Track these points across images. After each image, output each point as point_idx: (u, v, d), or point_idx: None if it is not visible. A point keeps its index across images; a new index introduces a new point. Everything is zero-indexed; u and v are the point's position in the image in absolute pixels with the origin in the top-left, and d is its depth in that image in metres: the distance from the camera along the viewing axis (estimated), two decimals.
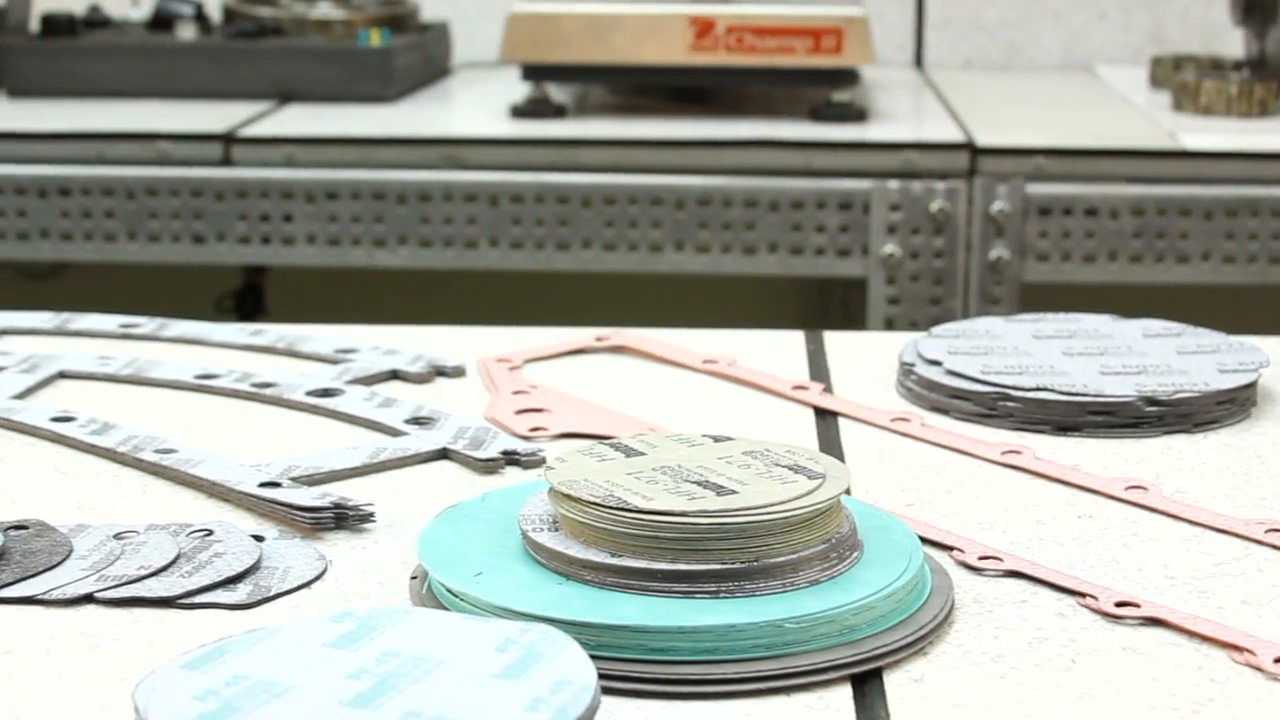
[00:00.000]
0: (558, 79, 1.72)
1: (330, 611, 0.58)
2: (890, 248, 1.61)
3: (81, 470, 0.80)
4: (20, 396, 0.89)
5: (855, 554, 0.65)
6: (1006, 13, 2.16)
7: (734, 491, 0.64)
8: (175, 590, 0.66)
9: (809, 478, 0.66)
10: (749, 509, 0.63)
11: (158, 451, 0.80)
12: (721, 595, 0.62)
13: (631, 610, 0.61)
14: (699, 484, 0.65)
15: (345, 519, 0.72)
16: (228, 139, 1.64)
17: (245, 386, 0.91)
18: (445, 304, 2.05)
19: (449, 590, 0.63)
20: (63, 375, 0.94)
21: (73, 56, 1.83)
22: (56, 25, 1.86)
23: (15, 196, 1.64)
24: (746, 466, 0.67)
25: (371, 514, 0.73)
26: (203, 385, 0.92)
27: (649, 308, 2.12)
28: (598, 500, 0.63)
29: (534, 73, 1.70)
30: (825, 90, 1.71)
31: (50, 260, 1.67)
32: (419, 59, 1.90)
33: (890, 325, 1.63)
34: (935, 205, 1.61)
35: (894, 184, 1.61)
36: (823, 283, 2.18)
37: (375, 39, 1.79)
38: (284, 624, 0.58)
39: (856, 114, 1.70)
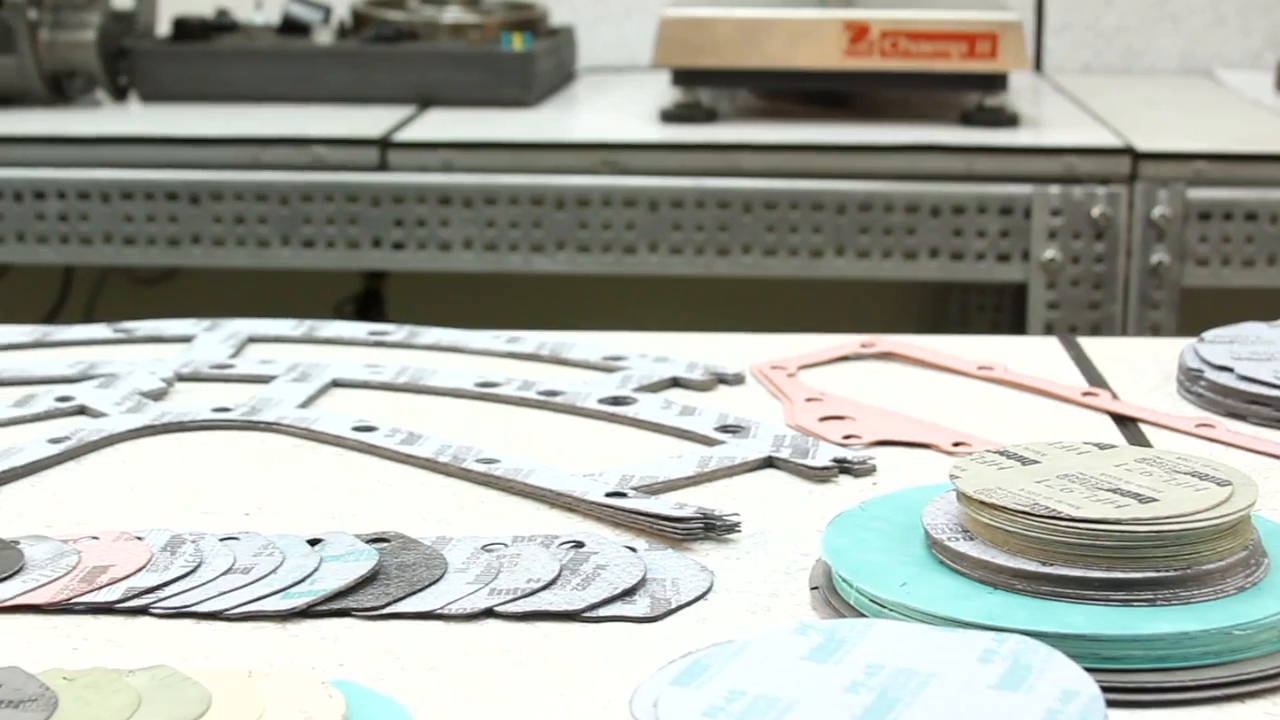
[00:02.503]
0: (710, 84, 1.70)
1: (790, 624, 0.57)
2: (1051, 253, 1.60)
3: (404, 481, 0.78)
4: (304, 405, 0.88)
5: (1266, 559, 0.64)
6: (1126, 17, 2.15)
7: (1154, 499, 0.63)
8: (576, 604, 0.64)
9: (1218, 484, 0.64)
10: (1180, 516, 0.61)
11: (480, 461, 0.79)
12: (1159, 603, 0.61)
13: (1077, 619, 0.59)
14: (1114, 491, 0.63)
15: (713, 528, 0.71)
16: (383, 144, 1.62)
17: (531, 394, 0.89)
18: (570, 308, 2.04)
19: (873, 600, 0.62)
20: (335, 384, 0.92)
21: (207, 61, 1.81)
22: (188, 29, 1.84)
23: (166, 203, 1.62)
24: (1148, 474, 0.65)
25: (738, 524, 0.71)
26: (485, 393, 0.90)
27: (788, 313, 2.11)
28: (1024, 509, 0.62)
29: (685, 77, 1.69)
30: (977, 95, 1.69)
31: (201, 266, 1.65)
32: (555, 63, 1.89)
33: (1049, 330, 1.61)
34: (1096, 210, 1.60)
35: (1055, 189, 1.60)
36: (941, 287, 2.17)
37: (517, 43, 1.77)
38: (748, 638, 0.56)
39: (1009, 119, 1.69)
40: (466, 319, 1.15)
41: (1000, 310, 2.15)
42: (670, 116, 1.70)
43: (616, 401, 0.88)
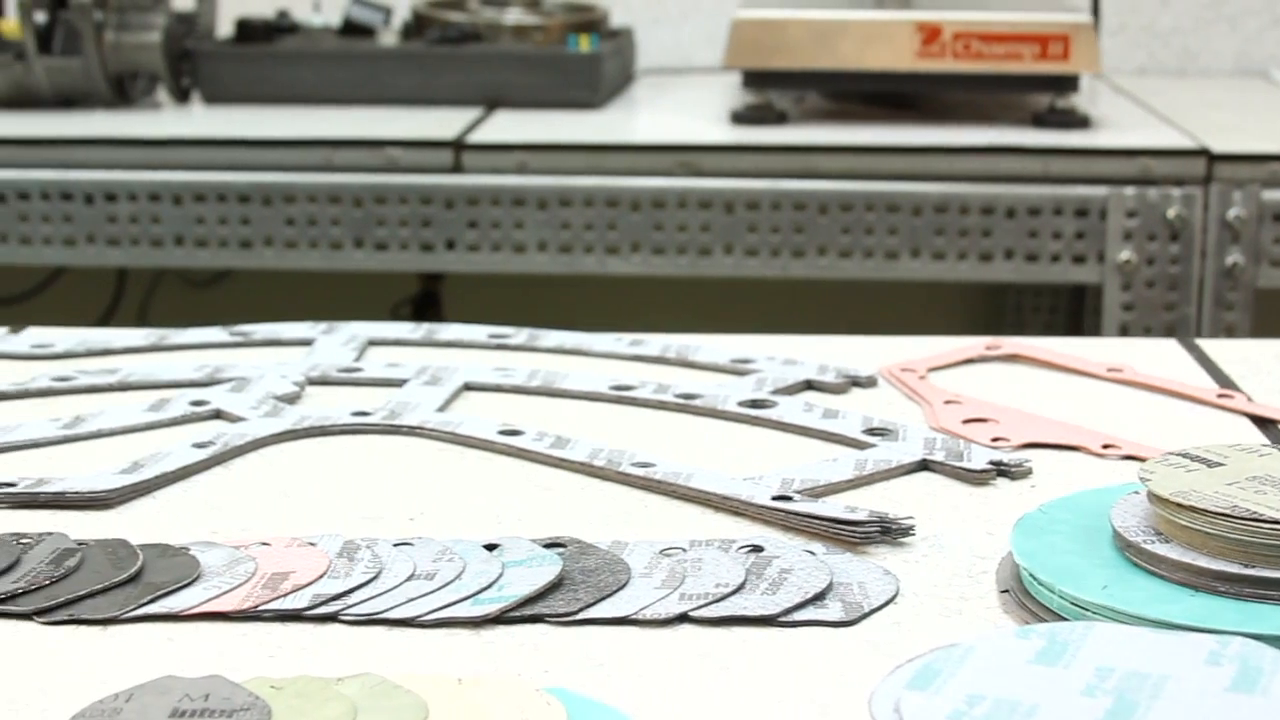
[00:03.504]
0: (781, 85, 1.70)
1: (1013, 627, 0.56)
2: (1126, 254, 1.59)
3: (561, 484, 0.78)
4: (442, 409, 0.87)
5: None
6: (1181, 19, 2.15)
7: None
8: (771, 609, 0.63)
9: None
10: None
11: (636, 465, 0.78)
12: None
13: None
14: None
15: (888, 532, 0.70)
16: (458, 145, 1.62)
17: (668, 397, 0.89)
18: (627, 309, 2.04)
19: (1075, 604, 0.61)
20: (468, 387, 0.91)
21: (271, 62, 1.80)
22: (251, 31, 1.83)
23: (238, 205, 1.62)
24: None
25: (912, 527, 0.71)
26: (621, 396, 0.90)
27: (829, 314, 2.11)
28: (1224, 511, 0.62)
29: (756, 79, 1.68)
30: (1047, 97, 1.69)
31: (273, 269, 1.64)
32: (618, 65, 1.88)
33: (1125, 331, 1.61)
34: (1172, 211, 1.59)
35: (1130, 191, 1.59)
36: (996, 287, 2.17)
37: (584, 45, 1.77)
38: (970, 642, 0.56)
39: (1080, 120, 1.69)
40: (524, 321, 1.14)
41: (1055, 312, 2.15)
42: (741, 118, 1.70)
43: (755, 405, 0.87)
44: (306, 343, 1.00)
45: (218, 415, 0.87)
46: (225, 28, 1.94)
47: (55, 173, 1.64)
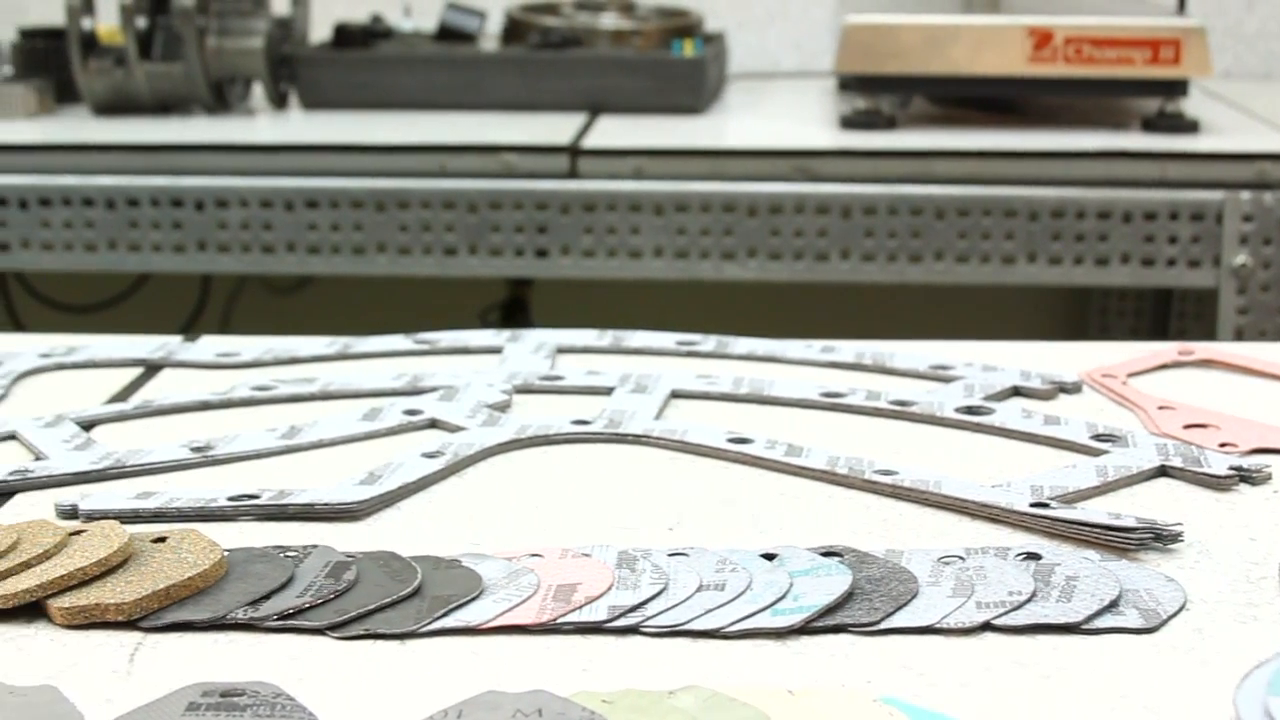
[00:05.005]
0: (890, 90, 1.70)
1: None
2: (1242, 258, 1.59)
3: (805, 492, 0.77)
4: (659, 417, 0.87)
5: None
6: (1267, 22, 2.14)
7: None
8: (1072, 616, 0.63)
9: None
10: None
11: (879, 472, 0.78)
12: None
13: None
14: None
15: (1160, 538, 0.70)
16: (573, 151, 1.62)
17: (882, 404, 0.88)
18: (719, 314, 2.03)
19: None
20: (675, 394, 0.91)
21: (371, 68, 1.80)
22: (349, 36, 1.83)
23: (350, 210, 1.61)
24: None
25: (1181, 534, 0.70)
26: (833, 403, 0.89)
27: (912, 318, 2.10)
28: None
29: (866, 83, 1.68)
30: (1157, 101, 1.69)
31: (385, 275, 1.64)
32: (717, 70, 1.88)
33: (1239, 336, 1.61)
34: None
35: (1246, 194, 1.59)
36: (1081, 292, 2.17)
37: (689, 50, 1.77)
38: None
39: (1189, 125, 1.69)
40: (611, 325, 1.14)
41: (1140, 316, 2.15)
42: (851, 123, 1.70)
43: (971, 411, 0.87)
44: (492, 350, 1.00)
45: (433, 424, 0.86)
46: (320, 33, 1.94)
47: (166, 179, 1.63)
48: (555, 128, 1.69)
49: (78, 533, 0.69)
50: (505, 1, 2.01)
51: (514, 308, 2.03)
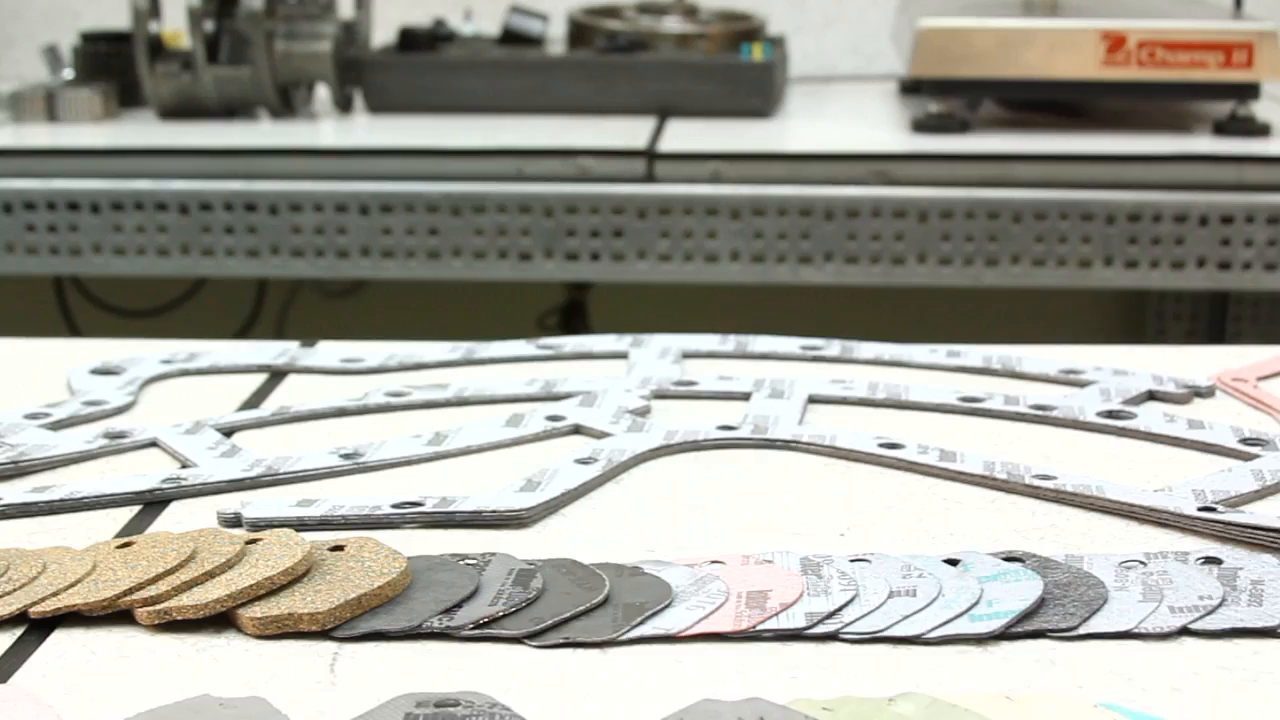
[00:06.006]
0: (965, 94, 1.70)
1: None
2: None
3: (969, 498, 0.77)
4: (802, 423, 0.87)
5: None
6: None
7: None
8: (1267, 620, 0.63)
9: None
10: None
11: (1038, 477, 0.78)
12: None
13: None
14: None
15: None
16: (650, 155, 1.62)
17: (1022, 409, 0.89)
18: (774, 317, 2.03)
19: None
20: (812, 399, 0.91)
21: (437, 72, 1.80)
22: (414, 40, 1.83)
23: (426, 214, 1.61)
24: None
25: None
26: (973, 408, 0.89)
27: (972, 321, 2.11)
28: None
29: (940, 87, 1.68)
30: (1228, 104, 1.69)
31: (461, 280, 1.64)
32: (782, 74, 1.88)
33: None
34: None
35: None
36: (1137, 295, 2.17)
37: (757, 54, 1.77)
38: None
39: (1261, 128, 1.69)
40: (671, 329, 1.14)
41: (1196, 318, 2.15)
42: (924, 126, 1.70)
43: (1112, 415, 0.87)
44: (616, 356, 1.00)
45: (577, 430, 0.87)
46: (383, 37, 1.94)
47: (239, 183, 1.64)
48: (628, 131, 1.69)
49: (252, 541, 0.70)
50: (558, 5, 2.01)
51: (572, 312, 2.03)
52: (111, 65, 1.89)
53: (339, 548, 0.70)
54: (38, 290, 2.14)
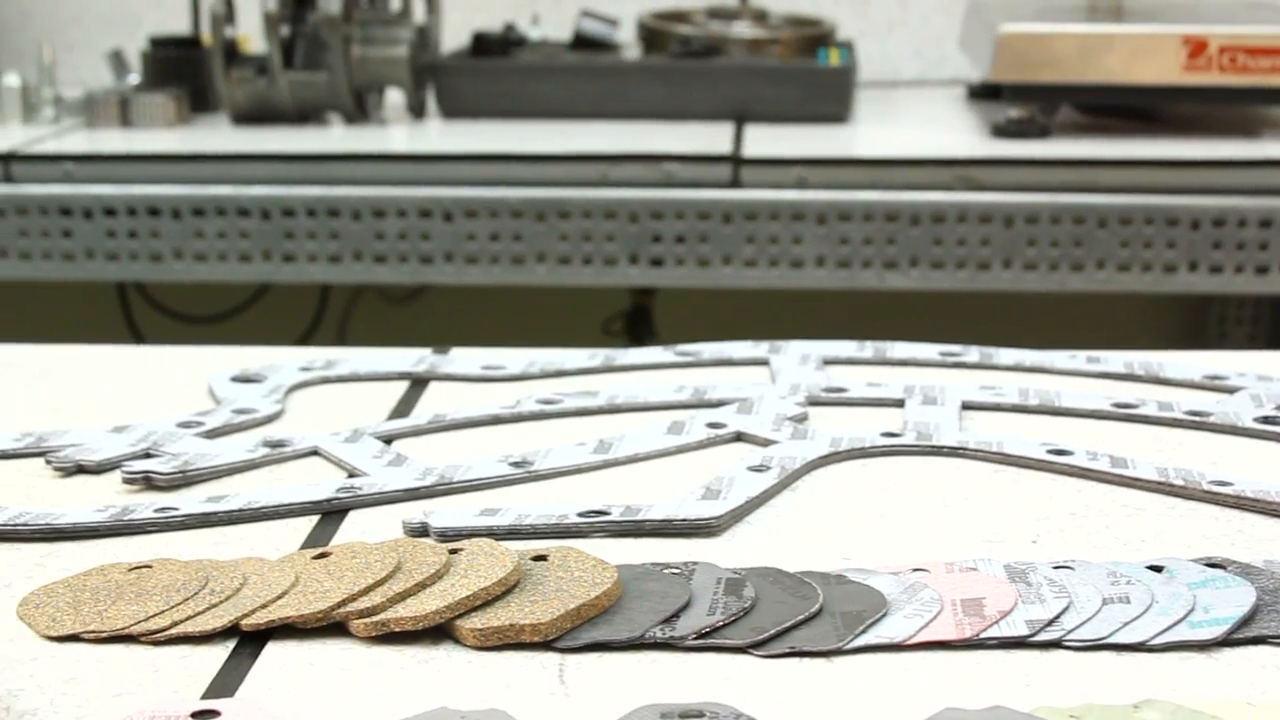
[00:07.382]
0: (1046, 99, 1.70)
1: None
2: None
3: (1150, 504, 0.78)
4: (963, 430, 0.87)
5: None
6: None
7: None
8: None
9: None
10: None
11: (1214, 483, 0.78)
12: None
13: None
14: None
15: None
16: (735, 160, 1.62)
17: (1177, 415, 0.89)
18: (850, 322, 2.04)
19: None
20: (965, 406, 0.91)
21: (511, 77, 1.80)
22: (487, 45, 1.83)
23: (510, 219, 1.62)
24: None
25: None
26: (1127, 414, 0.90)
27: (1024, 324, 2.11)
28: None
29: (1020, 93, 1.69)
30: None
31: (545, 285, 1.64)
32: (855, 79, 1.89)
33: None
34: None
35: None
36: (1200, 299, 2.17)
37: (834, 59, 1.77)
38: None
39: None
40: (737, 335, 1.14)
41: (1258, 322, 2.15)
42: (1004, 131, 1.70)
43: (1270, 421, 0.88)
44: (756, 362, 1.01)
45: (739, 437, 0.87)
46: (455, 42, 1.94)
47: (319, 189, 1.64)
48: (709, 137, 1.69)
49: (454, 551, 0.70)
50: (626, 10, 2.01)
51: (637, 317, 2.04)
52: (181, 70, 1.89)
53: (541, 557, 0.70)
54: (102, 294, 2.14)
